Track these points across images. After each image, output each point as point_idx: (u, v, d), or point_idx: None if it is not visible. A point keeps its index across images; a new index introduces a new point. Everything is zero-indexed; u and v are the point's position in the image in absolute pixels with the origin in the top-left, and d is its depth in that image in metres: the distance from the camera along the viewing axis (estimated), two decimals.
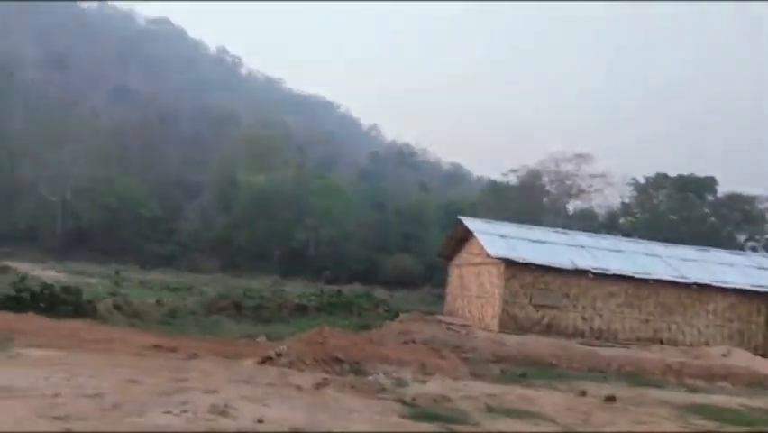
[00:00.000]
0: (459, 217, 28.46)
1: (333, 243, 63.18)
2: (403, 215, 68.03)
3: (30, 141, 63.61)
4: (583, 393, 12.35)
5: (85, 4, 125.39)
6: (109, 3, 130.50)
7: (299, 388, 9.54)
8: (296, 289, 37.55)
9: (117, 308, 20.83)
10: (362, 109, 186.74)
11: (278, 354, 11.75)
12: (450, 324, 21.93)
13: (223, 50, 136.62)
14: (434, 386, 11.36)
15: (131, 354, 10.90)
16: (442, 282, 33.54)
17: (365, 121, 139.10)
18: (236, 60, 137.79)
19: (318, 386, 9.77)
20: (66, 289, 19.77)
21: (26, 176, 60.93)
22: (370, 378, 11.66)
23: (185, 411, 7.56)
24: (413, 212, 67.59)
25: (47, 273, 33.07)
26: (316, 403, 8.74)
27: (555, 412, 9.97)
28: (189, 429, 6.87)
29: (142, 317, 20.55)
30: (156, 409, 7.56)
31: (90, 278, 34.47)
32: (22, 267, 34.23)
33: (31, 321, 13.51)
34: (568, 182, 61.62)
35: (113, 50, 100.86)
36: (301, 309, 27.36)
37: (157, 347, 11.58)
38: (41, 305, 17.93)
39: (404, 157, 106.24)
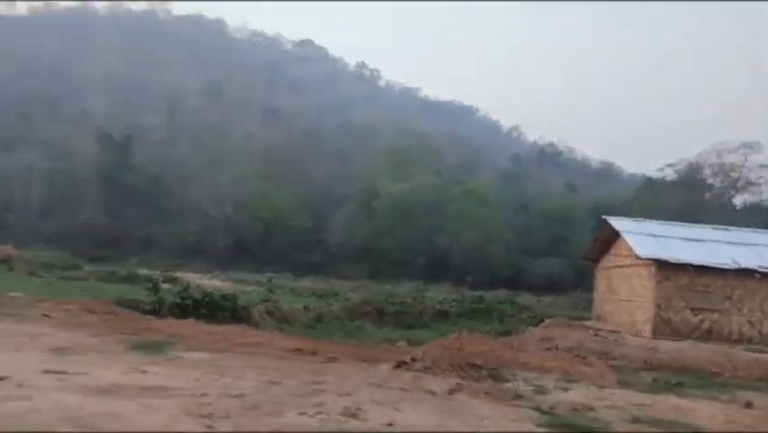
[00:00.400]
0: (604, 217, 27.01)
1: (475, 248, 62.63)
2: (549, 217, 65.94)
3: (194, 164, 69.96)
4: (748, 405, 11.11)
5: (236, 34, 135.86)
6: (258, 31, 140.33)
7: (432, 393, 9.50)
8: (439, 295, 37.74)
9: (269, 313, 22.15)
10: (502, 111, 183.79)
11: (414, 359, 11.79)
12: (597, 330, 20.79)
13: (362, 65, 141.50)
14: (577, 394, 10.80)
15: (274, 356, 11.49)
16: (593, 286, 32.06)
17: (505, 123, 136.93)
18: (374, 73, 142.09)
19: (451, 391, 9.66)
20: (224, 296, 21.27)
21: (192, 195, 66.88)
22: (508, 385, 11.34)
23: (319, 413, 7.80)
24: (559, 214, 65.33)
25: (211, 283, 35.92)
26: (448, 409, 8.64)
27: (712, 425, 9.06)
28: (322, 430, 7.08)
29: (291, 322, 21.64)
30: (292, 410, 7.88)
31: (248, 286, 37.06)
32: (191, 277, 37.52)
33: (190, 326, 14.71)
34: (733, 174, 56.24)
35: (262, 74, 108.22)
36: (442, 315, 27.40)
37: (298, 351, 12.11)
38: (203, 311, 19.46)
39: (548, 157, 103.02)
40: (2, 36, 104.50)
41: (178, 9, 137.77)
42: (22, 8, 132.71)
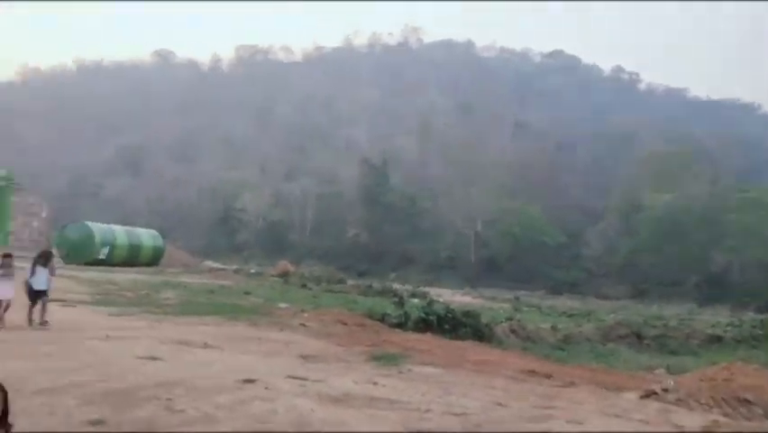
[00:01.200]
0: None
1: (763, 265, 54.46)
2: None
3: (446, 181, 72.57)
4: None
5: (485, 53, 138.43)
6: (506, 47, 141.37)
7: (680, 428, 8.21)
8: (715, 318, 33.58)
9: (513, 332, 21.61)
10: None
11: (665, 389, 10.36)
12: None
13: (618, 70, 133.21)
14: None
15: (505, 376, 11.03)
16: None
17: None
18: (633, 77, 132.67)
19: (705, 429, 8.24)
20: (466, 313, 21.29)
21: (444, 212, 69.26)
22: None
23: None
24: None
25: (462, 299, 36.50)
26: None
27: None
28: None
29: (536, 342, 20.80)
30: None
31: (495, 303, 36.87)
32: (443, 293, 38.59)
33: (426, 341, 14.96)
34: None
35: (511, 89, 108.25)
36: (715, 341, 24.00)
37: (532, 372, 11.48)
38: (446, 327, 19.72)
39: None
40: (282, 79, 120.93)
41: (429, 37, 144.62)
42: (297, 54, 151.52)
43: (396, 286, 39.33)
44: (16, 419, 6.36)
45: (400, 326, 19.55)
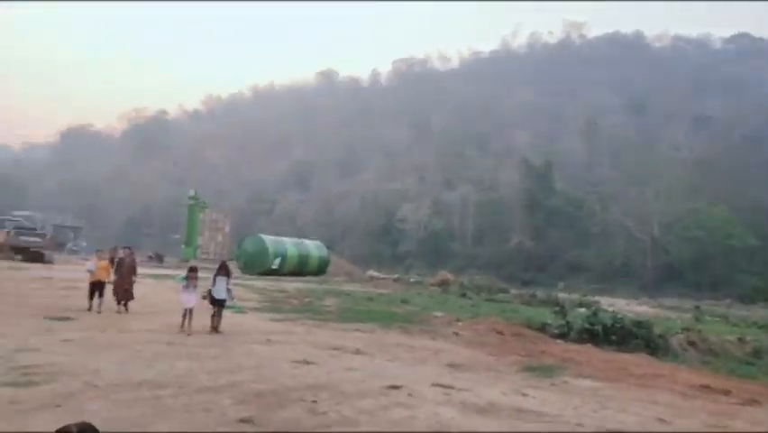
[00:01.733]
0: None
1: None
2: None
3: (615, 182, 68.28)
4: None
5: (656, 44, 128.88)
6: (680, 35, 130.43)
7: None
8: None
9: (691, 344, 19.68)
10: None
11: None
12: None
13: None
14: None
15: (673, 391, 9.98)
16: None
17: None
18: None
19: None
20: (637, 323, 19.77)
21: (615, 216, 65.08)
22: None
23: None
24: None
25: (637, 309, 34.05)
26: None
27: None
28: None
29: (719, 356, 18.75)
30: None
31: (675, 313, 33.83)
32: (616, 303, 36.24)
33: (586, 352, 14.04)
34: None
35: (688, 81, 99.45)
36: None
37: (705, 388, 10.27)
38: (613, 338, 18.41)
39: None
40: (439, 88, 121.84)
41: (593, 32, 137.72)
42: (454, 61, 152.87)
43: (562, 295, 37.52)
44: (177, 414, 6.91)
45: (562, 336, 18.61)
